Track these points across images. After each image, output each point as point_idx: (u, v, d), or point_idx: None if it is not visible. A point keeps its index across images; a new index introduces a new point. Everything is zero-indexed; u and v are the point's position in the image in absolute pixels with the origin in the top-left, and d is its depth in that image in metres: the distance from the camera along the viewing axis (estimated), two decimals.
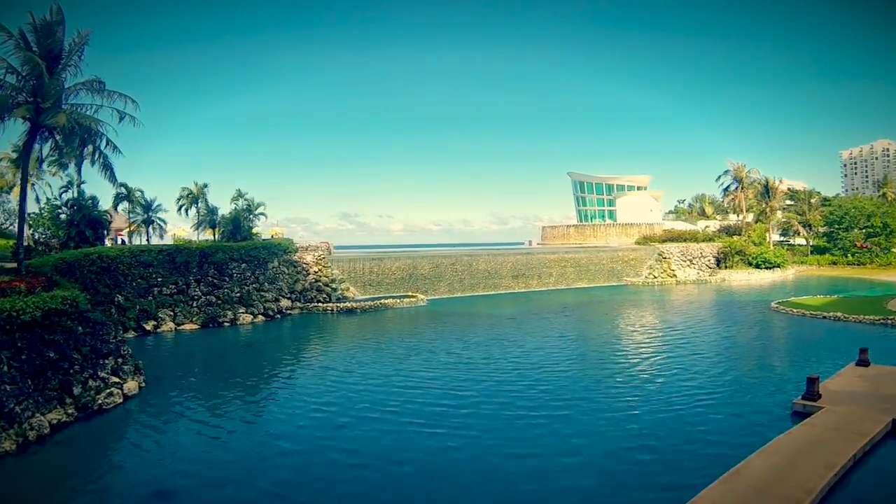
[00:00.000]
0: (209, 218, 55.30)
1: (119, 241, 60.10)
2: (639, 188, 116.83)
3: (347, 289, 54.72)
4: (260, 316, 46.02)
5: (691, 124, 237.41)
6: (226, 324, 44.06)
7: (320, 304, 50.54)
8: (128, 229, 57.50)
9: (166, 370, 29.63)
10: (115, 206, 59.36)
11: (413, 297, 54.61)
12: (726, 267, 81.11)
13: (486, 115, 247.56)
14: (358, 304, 50.31)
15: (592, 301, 55.90)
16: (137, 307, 41.46)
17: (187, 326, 43.03)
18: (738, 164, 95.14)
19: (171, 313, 43.17)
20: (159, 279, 43.98)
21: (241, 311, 45.27)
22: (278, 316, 47.28)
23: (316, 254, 55.05)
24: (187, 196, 59.65)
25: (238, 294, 46.19)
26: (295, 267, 52.65)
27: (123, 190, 57.81)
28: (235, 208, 55.74)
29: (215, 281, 45.99)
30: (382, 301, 51.64)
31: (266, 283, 48.61)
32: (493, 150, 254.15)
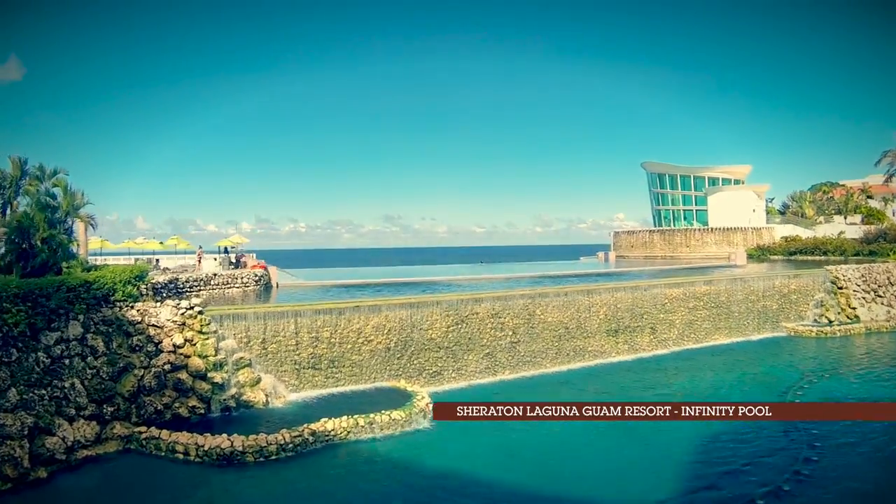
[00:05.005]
0: None
1: None
2: (735, 182, 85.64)
3: (256, 381, 24.13)
4: None
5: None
6: None
7: (163, 438, 19.91)
8: None
9: None
10: None
11: (406, 398, 23.87)
12: None
13: (530, 114, 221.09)
14: (257, 438, 19.66)
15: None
16: None
17: None
18: None
19: None
20: None
21: None
22: (39, 473, 17.26)
23: (185, 305, 24.42)
24: None
25: None
26: (126, 335, 22.54)
27: None
28: (28, 206, 25.97)
29: None
30: (322, 427, 20.48)
31: (16, 386, 18.58)
32: (537, 149, 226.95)
